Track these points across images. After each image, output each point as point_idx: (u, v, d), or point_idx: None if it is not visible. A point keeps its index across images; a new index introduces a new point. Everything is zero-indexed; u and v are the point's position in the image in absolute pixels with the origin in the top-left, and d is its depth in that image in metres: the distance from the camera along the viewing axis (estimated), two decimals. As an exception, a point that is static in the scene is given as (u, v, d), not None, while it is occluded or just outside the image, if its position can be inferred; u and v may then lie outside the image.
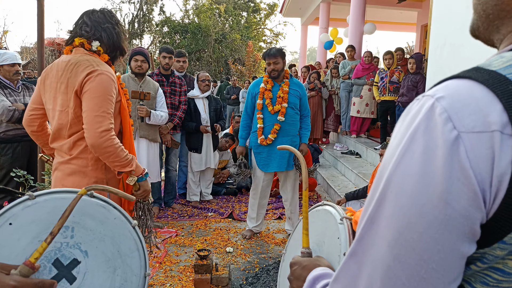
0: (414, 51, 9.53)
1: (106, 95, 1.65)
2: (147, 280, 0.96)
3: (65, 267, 0.87)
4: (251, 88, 3.62)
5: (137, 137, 3.76)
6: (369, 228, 0.48)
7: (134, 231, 0.96)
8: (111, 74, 1.71)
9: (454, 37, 3.72)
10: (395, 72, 5.74)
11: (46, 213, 0.88)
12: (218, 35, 20.03)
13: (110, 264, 0.92)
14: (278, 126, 3.48)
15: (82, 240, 0.90)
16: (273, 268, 2.99)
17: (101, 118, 1.63)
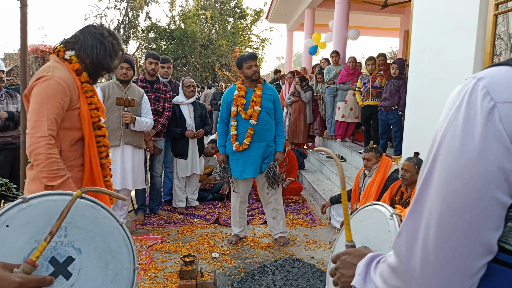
0: (398, 56, 9.71)
1: (49, 100, 1.63)
2: (136, 273, 1.04)
3: (61, 264, 0.93)
4: (225, 96, 3.63)
5: (122, 144, 3.74)
6: (425, 186, 0.58)
7: (122, 229, 1.04)
8: (63, 81, 1.68)
9: (434, 41, 3.80)
10: (377, 77, 5.85)
11: (40, 215, 0.94)
12: (205, 41, 20.07)
13: (102, 260, 0.98)
14: (251, 130, 3.48)
15: (75, 239, 0.96)
16: (258, 273, 2.99)
17: (39, 123, 1.61)
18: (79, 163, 1.80)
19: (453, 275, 0.55)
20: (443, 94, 3.61)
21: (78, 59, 1.79)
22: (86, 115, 1.77)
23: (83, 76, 1.81)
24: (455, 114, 0.56)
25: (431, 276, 0.57)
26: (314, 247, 3.69)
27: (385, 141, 5.63)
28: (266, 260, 3.35)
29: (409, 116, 4.31)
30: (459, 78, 3.35)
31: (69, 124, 1.73)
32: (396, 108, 5.31)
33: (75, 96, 1.73)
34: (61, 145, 1.73)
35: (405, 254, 0.60)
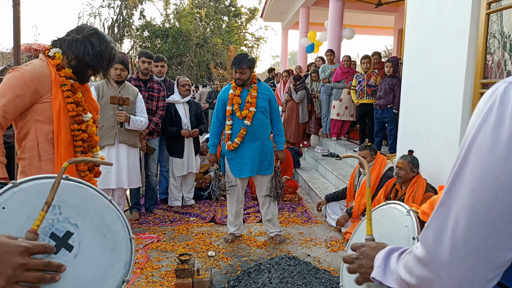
0: (392, 55, 9.76)
1: (6, 90, 1.69)
2: (133, 243, 1.10)
3: (61, 238, 0.98)
4: (220, 95, 3.62)
5: (117, 143, 3.73)
6: (455, 180, 0.62)
7: (111, 204, 1.10)
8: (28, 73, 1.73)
9: (427, 40, 3.82)
10: (372, 75, 5.88)
11: (33, 196, 0.99)
12: (199, 40, 20.00)
13: (99, 232, 1.04)
14: (244, 131, 3.47)
15: (70, 215, 1.02)
16: (254, 271, 3.00)
17: None
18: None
19: (480, 264, 0.58)
20: (437, 92, 3.63)
21: (64, 55, 1.83)
22: (57, 108, 1.78)
23: (63, 71, 1.83)
24: (487, 115, 0.60)
25: (459, 265, 0.60)
26: (309, 245, 3.70)
27: (380, 139, 5.66)
28: (262, 258, 3.35)
29: (403, 114, 4.32)
30: (453, 77, 3.39)
31: (43, 116, 1.76)
32: (391, 107, 5.34)
33: (44, 89, 1.75)
34: (38, 137, 1.76)
35: (433, 244, 0.64)
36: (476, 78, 3.21)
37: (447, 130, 3.48)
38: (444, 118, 3.52)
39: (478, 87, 3.18)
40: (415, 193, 3.28)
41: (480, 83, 3.16)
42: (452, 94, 3.40)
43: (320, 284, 2.75)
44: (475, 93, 3.23)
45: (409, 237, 1.07)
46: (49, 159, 1.78)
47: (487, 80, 3.13)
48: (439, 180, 3.57)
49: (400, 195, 3.43)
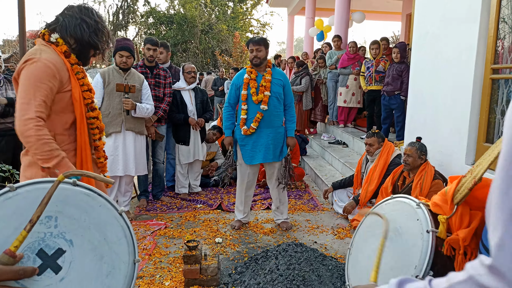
0: (400, 40, 9.59)
1: (37, 83, 1.60)
2: (137, 266, 0.96)
3: (49, 257, 0.86)
4: (235, 80, 3.59)
5: (123, 130, 3.73)
6: None
7: (121, 218, 0.96)
8: (51, 62, 1.66)
9: (437, 25, 3.74)
10: (381, 61, 5.78)
11: (28, 204, 0.87)
12: (205, 26, 19.81)
13: (96, 252, 0.91)
14: (260, 115, 3.45)
15: (66, 229, 0.89)
16: (262, 257, 3.01)
17: (26, 106, 1.58)
18: (73, 147, 1.78)
19: None
20: (446, 78, 3.57)
21: (63, 40, 1.76)
22: (78, 97, 1.74)
23: (72, 58, 1.78)
24: None
25: None
26: (316, 232, 3.71)
27: (387, 126, 5.60)
28: (269, 245, 3.36)
29: (412, 101, 4.27)
30: (462, 62, 3.32)
31: (60, 107, 1.71)
32: (399, 93, 5.27)
33: (65, 78, 1.70)
34: (55, 129, 1.71)
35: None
36: (486, 64, 3.15)
37: (456, 116, 3.44)
38: (453, 104, 3.47)
39: (489, 72, 3.12)
40: (423, 181, 3.26)
41: (491, 69, 3.10)
42: (462, 80, 3.34)
43: (327, 271, 2.76)
44: (485, 79, 3.17)
45: (422, 230, 1.03)
46: (66, 150, 1.72)
47: (498, 65, 3.06)
48: (447, 167, 3.54)
49: (408, 183, 3.41)
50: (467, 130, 3.30)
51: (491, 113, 3.18)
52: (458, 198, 1.15)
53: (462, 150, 3.36)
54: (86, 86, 1.82)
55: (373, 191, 3.66)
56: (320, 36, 10.21)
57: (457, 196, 1.15)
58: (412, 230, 1.06)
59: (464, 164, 3.35)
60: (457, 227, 1.14)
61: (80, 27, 1.74)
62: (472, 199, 1.17)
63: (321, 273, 2.67)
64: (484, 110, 3.19)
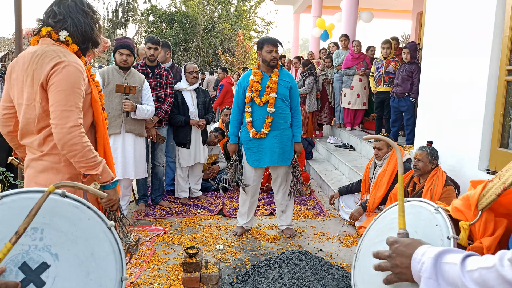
0: (410, 40, 9.43)
1: (74, 88, 1.58)
2: (124, 284, 0.93)
3: (33, 271, 0.83)
4: (241, 81, 3.50)
5: (123, 132, 3.64)
6: None
7: (110, 233, 0.93)
8: (79, 65, 1.63)
9: (450, 23, 3.64)
10: (391, 62, 5.62)
11: (14, 214, 0.85)
12: (207, 24, 19.67)
13: (82, 268, 0.88)
14: (270, 119, 3.36)
15: (52, 243, 0.86)
16: (264, 265, 2.91)
17: (69, 113, 1.55)
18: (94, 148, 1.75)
19: None
20: (459, 80, 3.46)
21: (72, 38, 1.69)
22: (97, 98, 1.72)
23: (82, 58, 1.74)
24: None
25: None
26: (322, 239, 3.58)
27: (396, 129, 5.46)
28: (272, 253, 3.26)
29: (422, 103, 4.15)
30: (476, 63, 3.18)
31: (84, 109, 1.68)
32: (409, 95, 5.12)
33: (87, 80, 1.68)
34: None
35: None
36: (501, 65, 3.06)
37: (469, 119, 3.32)
38: (466, 107, 3.36)
39: (504, 74, 3.02)
40: (434, 186, 3.14)
41: (506, 70, 3.01)
42: (476, 82, 3.23)
43: (333, 280, 2.66)
44: (500, 80, 3.07)
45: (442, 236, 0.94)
46: None
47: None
48: (459, 173, 3.42)
49: (418, 188, 3.28)
50: (480, 134, 3.19)
51: (506, 116, 3.08)
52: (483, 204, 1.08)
53: (475, 155, 3.26)
54: (99, 87, 1.80)
55: (382, 197, 3.53)
56: (324, 36, 10.07)
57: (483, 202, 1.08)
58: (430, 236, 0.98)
59: (477, 170, 3.24)
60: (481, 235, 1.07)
61: (81, 23, 1.69)
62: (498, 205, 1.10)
63: (326, 283, 2.59)
64: (498, 113, 3.09)
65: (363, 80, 6.58)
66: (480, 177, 3.18)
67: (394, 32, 13.21)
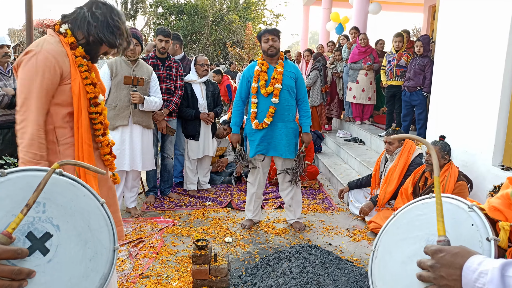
0: (421, 34, 9.26)
1: (38, 77, 1.60)
2: (116, 254, 1.03)
3: (38, 239, 0.92)
4: (245, 72, 3.48)
5: (130, 124, 3.62)
6: None
7: (102, 208, 1.03)
8: (51, 55, 1.62)
9: (464, 16, 3.55)
10: (403, 55, 5.51)
11: (18, 189, 0.92)
12: (216, 16, 19.53)
13: (81, 238, 0.98)
14: (273, 109, 3.33)
15: (53, 215, 0.95)
16: (274, 259, 2.89)
17: (29, 101, 1.59)
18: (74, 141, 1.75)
19: None
20: (473, 73, 3.38)
21: (71, 32, 1.72)
22: (77, 90, 1.69)
23: (78, 50, 1.72)
24: None
25: None
26: (331, 233, 3.55)
27: (407, 123, 5.38)
28: (281, 246, 3.24)
29: (435, 97, 4.08)
30: (491, 57, 3.10)
31: (61, 99, 1.68)
32: (421, 89, 5.03)
33: (66, 70, 1.67)
34: (54, 122, 1.68)
35: None
36: (519, 58, 2.95)
37: (483, 114, 3.26)
38: (481, 101, 3.30)
39: (522, 67, 2.92)
40: (446, 182, 3.10)
41: (525, 63, 2.90)
42: (491, 75, 3.16)
43: (343, 275, 2.64)
44: (517, 74, 2.97)
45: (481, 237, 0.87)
46: (66, 143, 1.71)
47: (534, 59, 2.85)
48: (471, 168, 3.37)
49: (430, 184, 3.24)
50: (495, 128, 3.13)
51: (522, 111, 3.00)
52: None
53: (489, 150, 3.20)
54: (89, 80, 1.76)
55: (392, 192, 3.49)
56: (339, 29, 9.92)
57: None
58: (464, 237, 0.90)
59: (490, 165, 3.19)
60: None
61: (88, 23, 1.69)
62: None
63: (336, 277, 2.57)
64: (514, 108, 3.01)
65: (369, 75, 6.49)
66: (493, 173, 3.13)
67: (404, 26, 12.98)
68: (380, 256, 1.10)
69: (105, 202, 1.05)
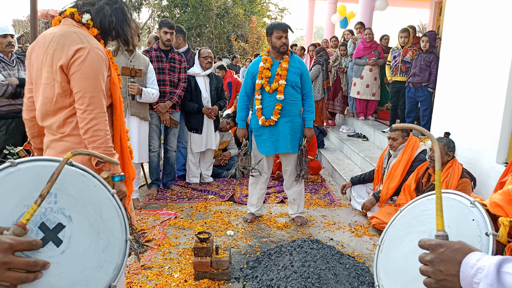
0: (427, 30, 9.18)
1: (99, 74, 1.61)
2: (128, 244, 1.02)
3: (51, 230, 0.91)
4: (250, 68, 3.46)
5: (128, 115, 3.63)
6: None
7: (113, 199, 1.02)
8: (101, 51, 1.63)
9: (471, 12, 3.51)
10: (409, 51, 5.46)
11: (29, 180, 0.92)
12: (220, 10, 19.40)
13: (93, 229, 0.97)
14: (279, 106, 3.32)
15: (65, 206, 0.94)
16: (275, 253, 2.90)
17: (96, 99, 1.60)
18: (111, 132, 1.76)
19: None
20: (479, 70, 3.35)
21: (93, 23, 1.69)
22: (116, 81, 1.72)
23: (102, 42, 1.73)
24: None
25: None
26: (333, 228, 3.55)
27: (411, 119, 5.35)
28: (283, 240, 3.24)
29: (440, 93, 4.05)
30: (498, 54, 3.07)
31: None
32: (426, 85, 4.99)
33: (107, 63, 1.69)
34: None
35: None
36: (526, 54, 2.92)
37: (488, 111, 3.24)
38: (486, 98, 3.27)
39: (529, 64, 2.89)
40: (449, 179, 3.08)
41: (531, 61, 2.87)
42: (497, 72, 3.13)
43: (344, 270, 2.64)
44: (523, 71, 2.94)
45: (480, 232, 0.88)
46: None
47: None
48: (475, 165, 3.36)
49: (433, 180, 3.22)
50: (500, 125, 3.12)
51: (528, 108, 2.98)
52: None
53: (494, 147, 3.18)
54: (117, 70, 1.80)
55: (395, 188, 3.48)
56: (344, 23, 9.85)
57: None
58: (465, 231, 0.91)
59: (494, 163, 3.17)
60: None
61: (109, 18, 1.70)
62: None
63: (337, 272, 2.57)
64: (520, 105, 2.99)
65: (373, 70, 6.45)
66: (497, 170, 3.11)
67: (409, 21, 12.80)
68: (385, 250, 1.11)
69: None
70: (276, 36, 3.28)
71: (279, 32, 3.26)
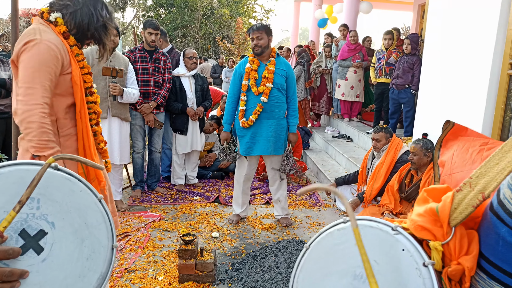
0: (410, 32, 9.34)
1: (42, 66, 1.55)
2: (115, 252, 0.98)
3: (32, 237, 0.88)
4: (237, 69, 3.44)
5: (109, 116, 3.57)
6: None
7: (100, 204, 0.98)
8: (53, 44, 1.59)
9: (453, 15, 3.58)
10: (393, 53, 5.55)
11: (11, 184, 0.88)
12: (206, 10, 19.33)
13: (77, 235, 0.93)
14: (260, 108, 3.31)
15: (48, 212, 0.91)
16: (260, 254, 2.90)
17: (33, 90, 1.54)
18: (75, 132, 1.72)
19: None
20: (461, 73, 3.42)
21: (64, 23, 1.68)
22: (78, 80, 1.67)
23: (71, 39, 1.69)
24: None
25: None
26: (318, 229, 3.57)
27: (395, 121, 5.43)
28: (268, 241, 3.24)
29: (422, 95, 4.11)
30: (479, 56, 3.14)
31: (61, 90, 1.65)
32: (409, 87, 5.08)
33: (66, 60, 1.64)
34: (56, 113, 1.65)
35: None
36: (505, 58, 3.01)
37: (469, 113, 3.30)
38: (467, 100, 3.34)
39: (507, 67, 2.98)
40: (431, 179, 3.12)
41: (509, 64, 2.96)
42: (477, 75, 3.19)
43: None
44: (502, 74, 3.03)
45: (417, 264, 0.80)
46: (67, 134, 1.70)
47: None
48: (457, 166, 3.41)
49: (416, 181, 3.27)
50: (480, 127, 3.17)
51: (507, 110, 3.05)
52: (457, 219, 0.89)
53: (474, 148, 3.22)
54: (86, 69, 1.75)
55: (379, 188, 3.52)
56: (322, 22, 9.91)
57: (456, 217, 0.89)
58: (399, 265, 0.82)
59: (475, 164, 3.22)
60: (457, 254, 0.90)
61: (88, 17, 1.68)
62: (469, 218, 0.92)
63: (322, 274, 2.56)
64: (499, 107, 3.07)
65: (358, 72, 6.53)
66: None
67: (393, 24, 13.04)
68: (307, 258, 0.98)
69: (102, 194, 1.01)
70: (250, 38, 3.30)
71: (251, 33, 3.28)
